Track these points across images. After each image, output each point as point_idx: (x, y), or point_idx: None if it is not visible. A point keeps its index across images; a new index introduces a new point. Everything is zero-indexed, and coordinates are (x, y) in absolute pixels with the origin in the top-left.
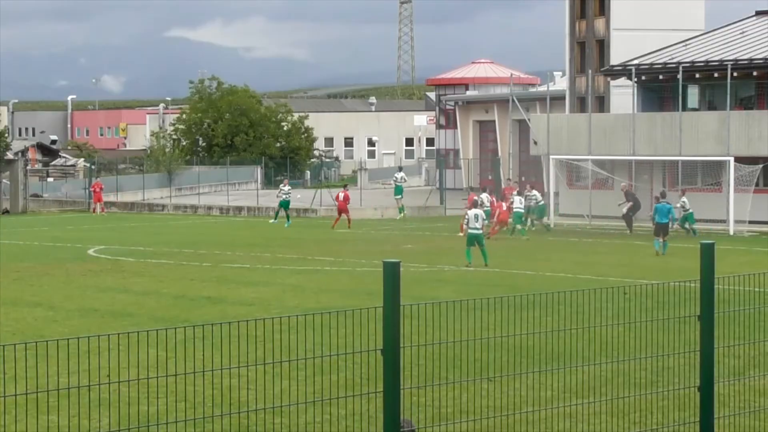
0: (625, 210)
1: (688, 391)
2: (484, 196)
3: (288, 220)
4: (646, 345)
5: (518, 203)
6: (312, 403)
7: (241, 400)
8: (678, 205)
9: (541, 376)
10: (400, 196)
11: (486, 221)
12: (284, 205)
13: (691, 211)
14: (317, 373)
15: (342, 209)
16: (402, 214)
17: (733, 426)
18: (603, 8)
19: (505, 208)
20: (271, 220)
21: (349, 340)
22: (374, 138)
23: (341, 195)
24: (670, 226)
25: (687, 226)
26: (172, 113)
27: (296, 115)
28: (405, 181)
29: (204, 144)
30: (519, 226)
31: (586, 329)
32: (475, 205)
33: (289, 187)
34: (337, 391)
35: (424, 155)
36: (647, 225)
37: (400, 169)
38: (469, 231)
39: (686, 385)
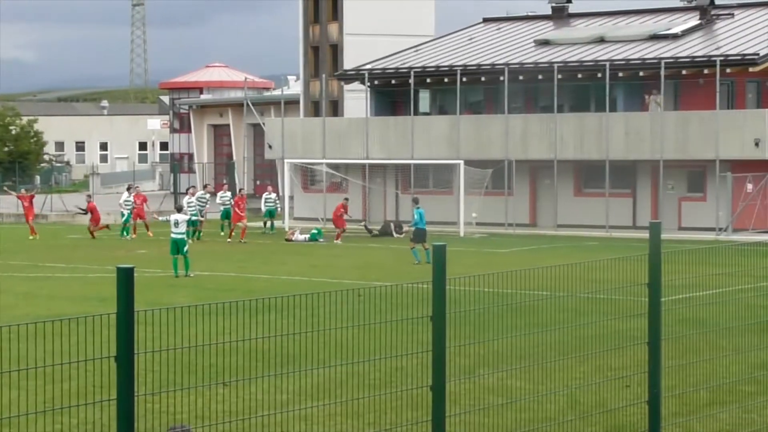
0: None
1: (421, 390)
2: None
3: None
4: (381, 346)
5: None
6: (43, 413)
7: None
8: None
9: (277, 380)
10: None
11: (186, 227)
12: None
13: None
14: (48, 382)
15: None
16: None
17: (464, 423)
18: (336, 13)
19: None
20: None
21: (81, 348)
22: (107, 142)
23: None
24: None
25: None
26: None
27: (25, 119)
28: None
29: None
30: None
31: (322, 332)
32: (179, 210)
33: (229, 194)
34: (69, 400)
35: (158, 159)
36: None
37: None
38: (172, 236)
39: (419, 384)
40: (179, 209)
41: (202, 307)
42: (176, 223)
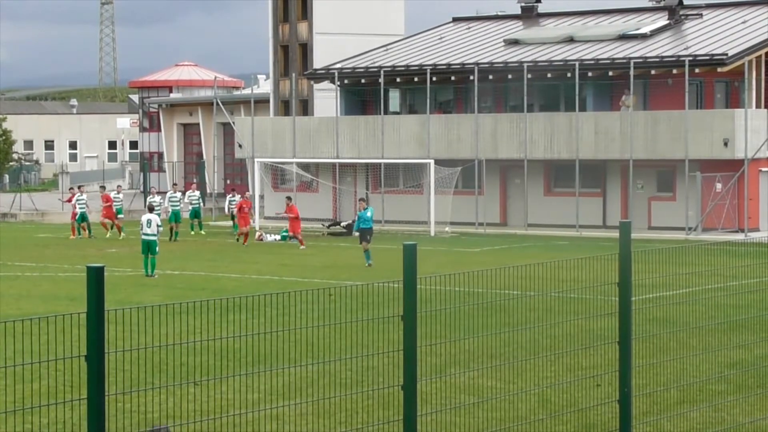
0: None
1: (392, 389)
2: (157, 199)
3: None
4: (351, 345)
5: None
6: (12, 413)
7: None
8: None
9: (248, 379)
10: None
11: (161, 227)
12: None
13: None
14: (18, 381)
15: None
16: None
17: (435, 422)
18: (305, 12)
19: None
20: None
21: (51, 347)
22: (76, 141)
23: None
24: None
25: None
26: None
27: None
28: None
29: None
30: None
31: (292, 331)
32: (151, 209)
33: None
34: (39, 399)
35: (127, 158)
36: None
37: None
38: (142, 237)
39: (390, 384)
40: (150, 209)
41: (172, 306)
42: (148, 223)
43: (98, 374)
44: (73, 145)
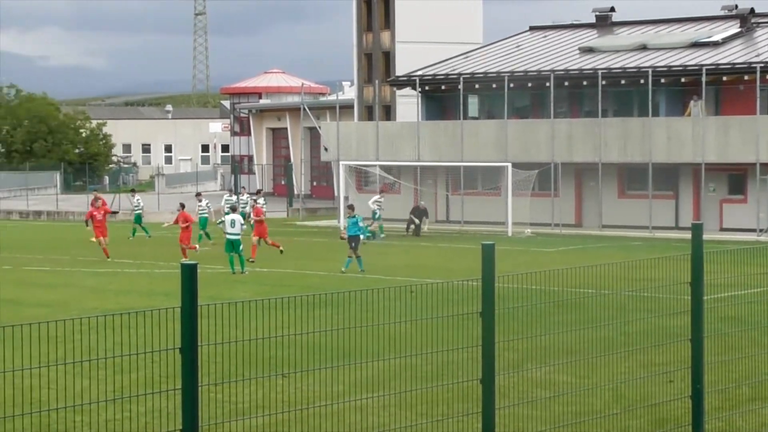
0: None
1: (471, 383)
2: (374, 198)
3: (209, 237)
4: (432, 340)
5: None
6: (112, 401)
7: (42, 400)
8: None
9: (333, 372)
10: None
11: (244, 226)
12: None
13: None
14: (117, 372)
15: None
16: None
17: (513, 416)
18: (388, 22)
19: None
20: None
21: (148, 340)
22: (171, 144)
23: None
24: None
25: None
26: None
27: (94, 122)
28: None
29: (3, 150)
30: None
31: (375, 326)
32: (234, 210)
33: (207, 201)
34: (136, 389)
35: (219, 161)
36: (431, 227)
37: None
38: (227, 237)
39: (469, 378)
40: (233, 209)
41: (261, 302)
42: (232, 223)
43: (192, 366)
44: (168, 148)
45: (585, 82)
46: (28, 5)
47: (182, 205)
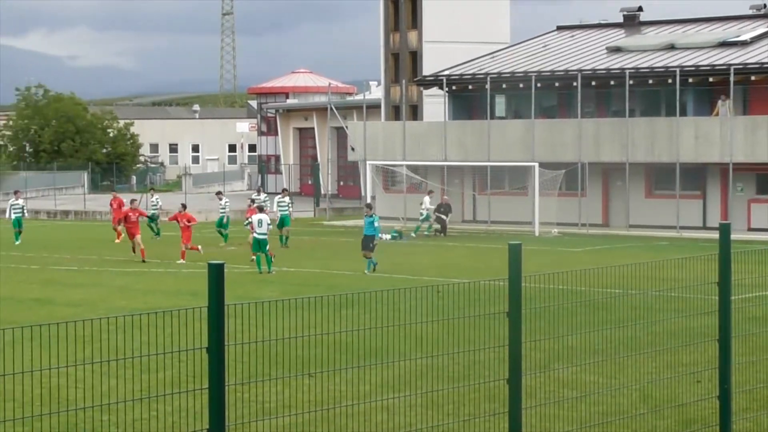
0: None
1: (498, 383)
2: (426, 200)
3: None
4: (458, 340)
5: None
6: (139, 401)
7: (69, 399)
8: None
9: (360, 372)
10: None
11: (270, 226)
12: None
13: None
14: (144, 371)
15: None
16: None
17: (540, 415)
18: (415, 21)
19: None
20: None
21: (175, 339)
22: (198, 144)
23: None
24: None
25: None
26: None
27: (122, 122)
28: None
29: (31, 150)
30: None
31: (402, 326)
32: (261, 210)
33: (226, 200)
34: (164, 389)
35: (246, 161)
36: (458, 227)
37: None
38: (254, 236)
39: (496, 377)
40: (261, 209)
41: (288, 301)
42: (259, 223)
43: (218, 365)
44: (195, 148)
45: (612, 82)
46: (57, 5)
47: (183, 206)
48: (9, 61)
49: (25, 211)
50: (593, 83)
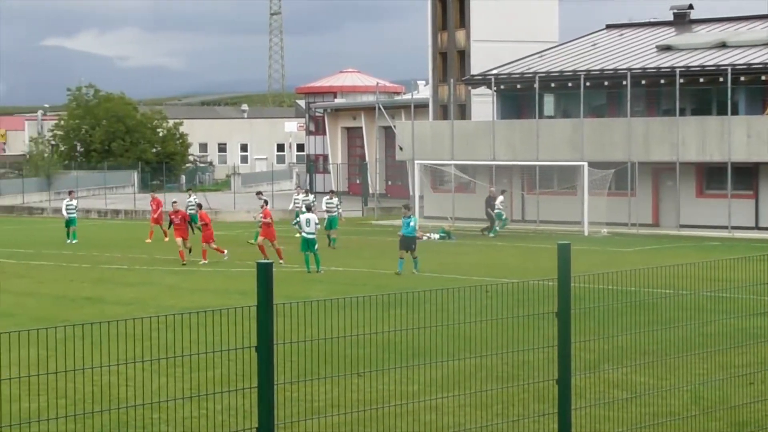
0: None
1: (547, 384)
2: (500, 199)
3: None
4: (507, 340)
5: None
6: (189, 399)
7: (120, 397)
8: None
9: (408, 371)
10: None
11: (318, 225)
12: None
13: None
14: (194, 369)
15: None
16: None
17: (589, 416)
18: (463, 21)
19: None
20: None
21: (224, 338)
22: (247, 143)
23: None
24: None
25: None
26: (50, 119)
27: (171, 122)
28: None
29: (82, 149)
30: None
31: (450, 326)
32: (308, 209)
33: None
34: (213, 387)
35: (294, 160)
36: (507, 227)
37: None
38: (303, 235)
39: (545, 378)
40: (308, 209)
41: (336, 301)
42: (307, 222)
43: (267, 364)
44: (244, 147)
45: (662, 81)
46: (108, 6)
47: (199, 206)
48: (60, 61)
49: (76, 211)
50: (643, 82)
